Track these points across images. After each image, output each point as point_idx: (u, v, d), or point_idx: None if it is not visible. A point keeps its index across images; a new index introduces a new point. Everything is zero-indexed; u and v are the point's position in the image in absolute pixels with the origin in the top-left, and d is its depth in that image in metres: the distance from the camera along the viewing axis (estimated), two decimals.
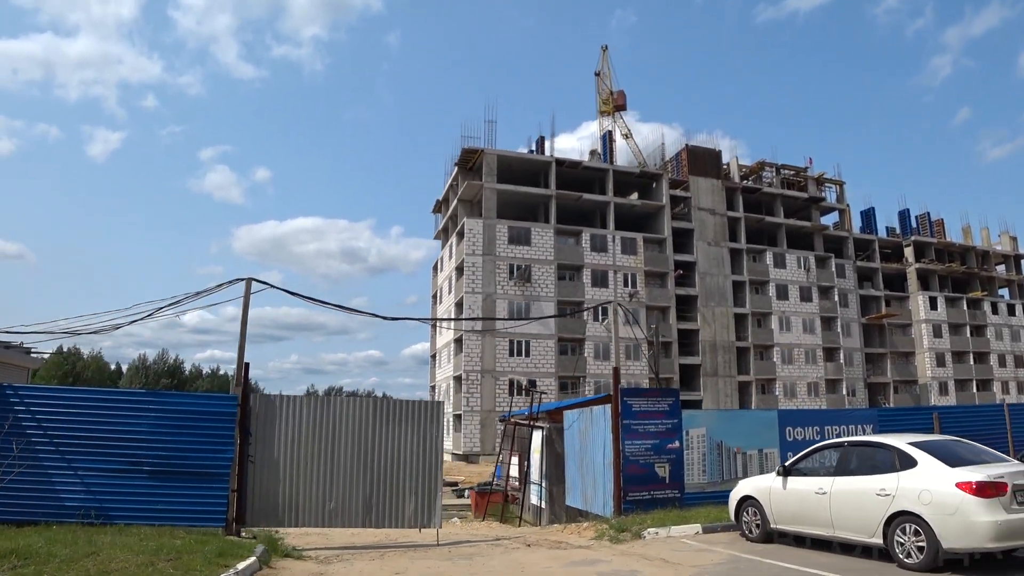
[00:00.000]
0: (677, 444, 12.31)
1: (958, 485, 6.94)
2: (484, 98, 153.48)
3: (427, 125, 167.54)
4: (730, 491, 10.49)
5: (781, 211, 56.91)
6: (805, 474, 8.91)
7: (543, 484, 15.67)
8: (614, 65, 71.09)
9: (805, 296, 55.60)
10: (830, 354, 55.89)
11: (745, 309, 53.46)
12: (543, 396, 21.37)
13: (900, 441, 8.06)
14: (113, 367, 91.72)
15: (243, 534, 9.66)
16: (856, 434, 14.06)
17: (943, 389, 58.74)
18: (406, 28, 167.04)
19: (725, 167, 57.33)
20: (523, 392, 46.49)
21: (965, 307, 61.43)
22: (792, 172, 59.17)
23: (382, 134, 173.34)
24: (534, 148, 54.04)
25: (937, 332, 59.88)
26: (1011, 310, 64.00)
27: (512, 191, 49.77)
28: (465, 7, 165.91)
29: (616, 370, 12.75)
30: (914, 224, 64.17)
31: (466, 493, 24.75)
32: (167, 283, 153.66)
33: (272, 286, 10.91)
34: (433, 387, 57.52)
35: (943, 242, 62.83)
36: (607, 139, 55.25)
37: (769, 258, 55.16)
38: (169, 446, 9.96)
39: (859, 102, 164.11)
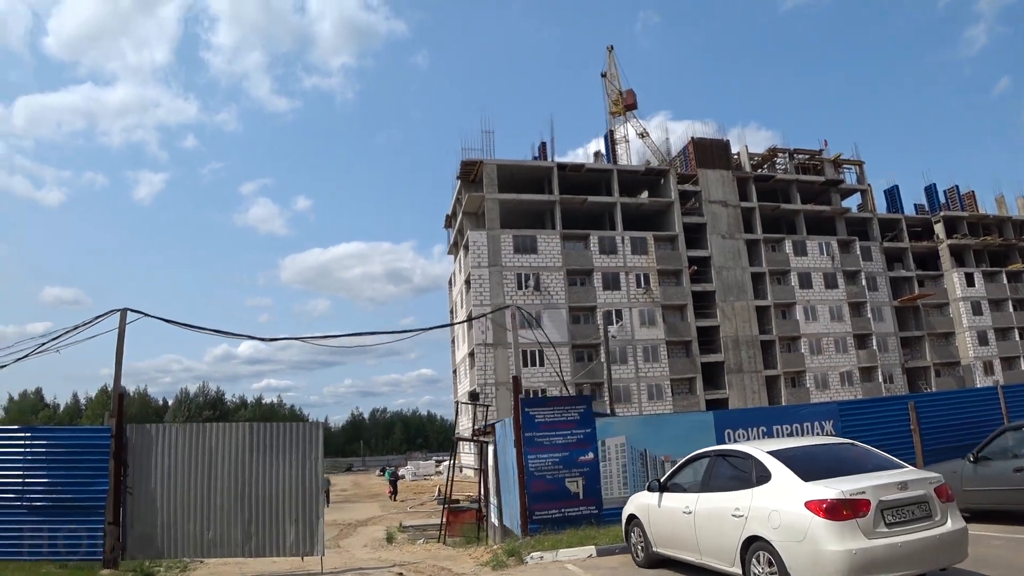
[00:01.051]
0: (591, 456, 11.35)
1: (807, 504, 5.62)
2: (504, 108, 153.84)
3: (458, 140, 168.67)
4: None
5: (798, 197, 55.01)
6: (678, 490, 7.64)
7: (494, 502, 14.90)
8: (623, 65, 69.60)
9: (830, 283, 53.48)
10: (862, 341, 53.58)
11: (767, 301, 51.65)
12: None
13: (758, 449, 6.69)
14: (160, 402, 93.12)
15: (120, 567, 9.36)
16: (811, 433, 12.96)
17: (988, 369, 55.73)
18: (432, 47, 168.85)
19: (735, 157, 55.78)
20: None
21: (1005, 281, 58.33)
22: (807, 156, 57.24)
23: (418, 153, 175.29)
24: (537, 155, 53.39)
25: (976, 309, 56.94)
26: None
27: (515, 200, 49.19)
28: (488, 22, 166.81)
29: (516, 379, 11.86)
30: (943, 199, 61.37)
31: None
32: (218, 317, 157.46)
33: (147, 315, 10.54)
34: (457, 403, 56.96)
35: (976, 215, 59.89)
36: (608, 139, 54.36)
37: (788, 246, 53.28)
38: (47, 480, 9.80)
39: (894, 82, 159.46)
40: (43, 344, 10.24)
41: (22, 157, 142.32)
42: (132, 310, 10.43)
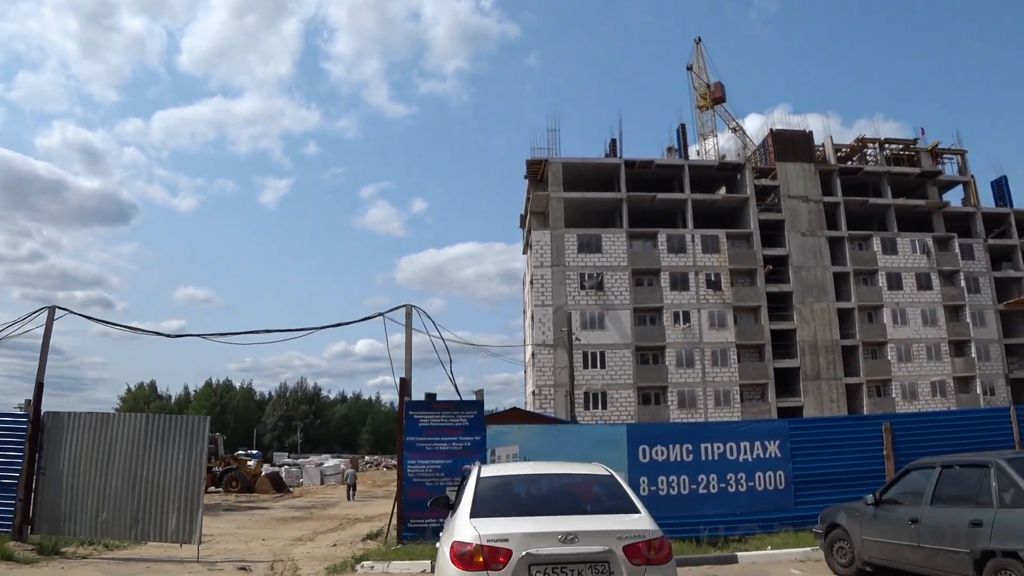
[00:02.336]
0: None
1: (451, 546, 4.82)
2: (607, 105, 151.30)
3: (568, 139, 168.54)
4: None
5: (888, 191, 51.08)
6: None
7: None
8: (712, 58, 65.84)
9: (923, 284, 49.50)
10: (959, 348, 49.38)
11: (850, 303, 48.43)
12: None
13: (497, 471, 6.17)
14: (265, 396, 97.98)
15: (29, 541, 10.54)
16: (749, 454, 11.50)
17: None
18: (543, 48, 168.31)
19: (820, 149, 52.43)
20: (598, 405, 44.91)
21: None
22: (900, 147, 53.07)
23: (529, 153, 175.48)
24: (608, 152, 52.01)
25: None
26: None
27: (581, 198, 48.30)
28: (603, 16, 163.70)
29: (403, 380, 11.48)
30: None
31: None
32: (336, 316, 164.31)
33: (72, 312, 12.00)
34: (525, 403, 56.83)
35: None
36: (681, 134, 52.21)
37: (876, 244, 49.65)
38: None
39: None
40: None
41: (160, 167, 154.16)
42: (59, 307, 11.73)
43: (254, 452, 52.05)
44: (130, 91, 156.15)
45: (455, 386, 11.94)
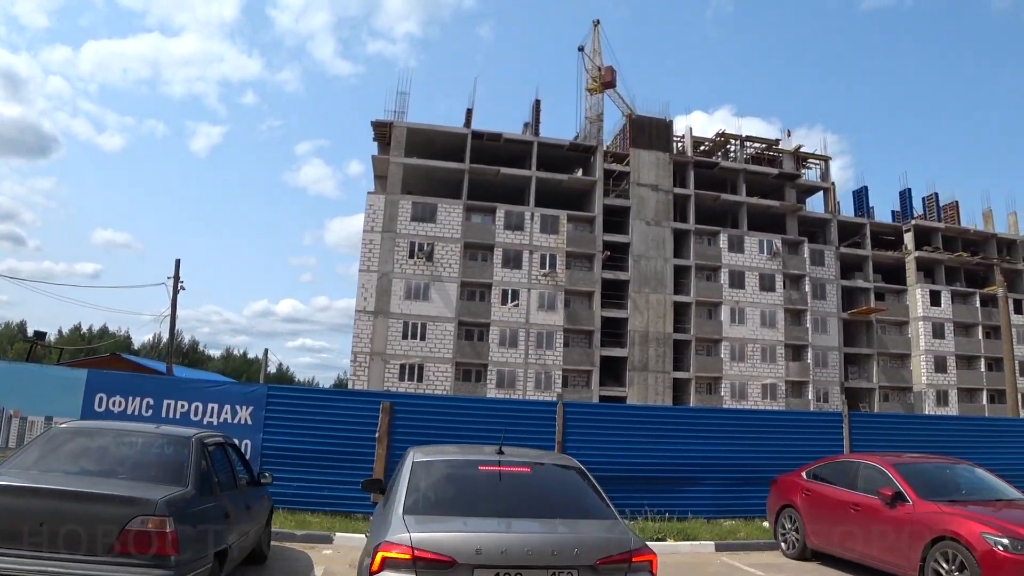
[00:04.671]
0: None
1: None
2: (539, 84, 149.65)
3: (517, 115, 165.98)
4: None
5: (743, 189, 50.38)
6: None
7: None
8: (610, 41, 64.58)
9: (767, 285, 48.91)
10: (796, 352, 48.94)
11: (689, 297, 47.65)
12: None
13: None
14: (145, 344, 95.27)
15: None
16: (222, 416, 10.47)
17: (942, 399, 50.00)
18: (498, 20, 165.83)
19: (680, 140, 51.59)
20: (414, 377, 43.56)
21: (978, 304, 52.15)
22: (763, 146, 52.44)
23: (479, 124, 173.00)
24: (465, 123, 50.53)
25: (938, 332, 51.07)
26: None
27: (427, 167, 46.79)
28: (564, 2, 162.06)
29: None
30: (920, 209, 55.29)
31: None
32: (261, 272, 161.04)
33: None
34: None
35: (954, 227, 53.55)
36: (535, 110, 50.92)
37: (723, 240, 48.91)
38: None
39: (975, 94, 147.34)
40: None
41: (86, 101, 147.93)
42: None
43: None
44: (61, 17, 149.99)
45: None
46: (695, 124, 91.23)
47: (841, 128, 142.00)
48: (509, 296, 45.16)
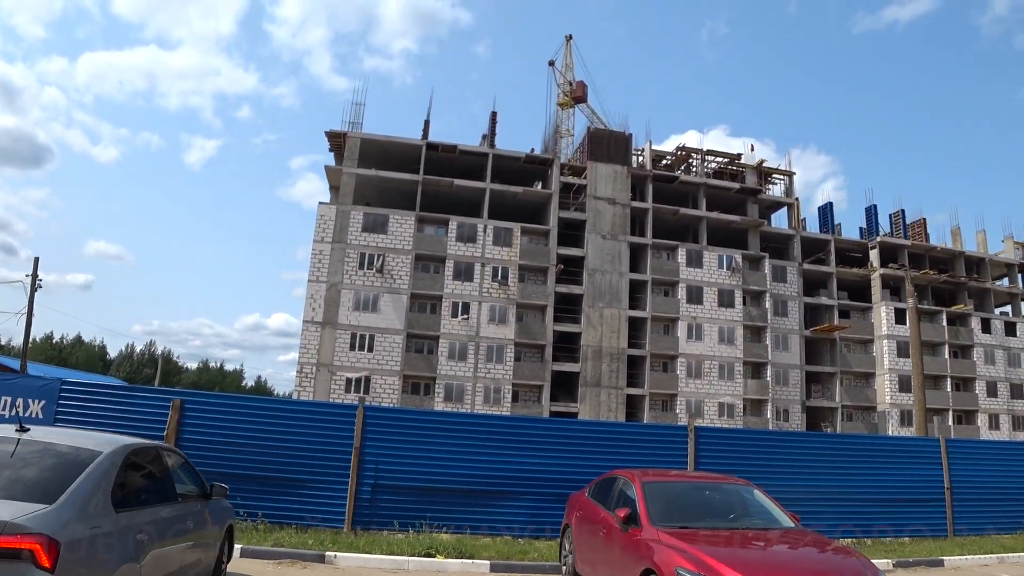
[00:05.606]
0: None
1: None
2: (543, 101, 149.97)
3: (511, 131, 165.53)
4: None
5: (704, 203, 49.79)
6: None
7: None
8: (583, 57, 64.91)
9: (726, 301, 48.15)
10: (756, 370, 48.09)
11: (645, 312, 46.93)
12: None
13: None
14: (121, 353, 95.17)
15: None
16: (13, 410, 10.23)
17: (906, 419, 48.92)
18: (495, 38, 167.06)
19: (639, 153, 51.16)
20: (360, 390, 42.94)
21: (945, 323, 51.15)
22: (726, 160, 51.91)
23: (472, 140, 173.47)
24: (423, 134, 50.32)
25: (903, 351, 50.03)
26: (1010, 329, 52.64)
27: (379, 178, 46.45)
28: (558, 13, 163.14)
29: None
30: (887, 226, 54.45)
31: None
32: (254, 286, 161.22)
33: None
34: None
35: (921, 245, 52.72)
36: (491, 122, 50.62)
37: (682, 255, 48.26)
38: None
39: (972, 117, 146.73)
40: None
41: (81, 112, 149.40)
42: None
43: None
44: (58, 28, 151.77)
45: None
46: (689, 143, 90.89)
47: (835, 149, 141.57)
48: (460, 309, 44.62)
